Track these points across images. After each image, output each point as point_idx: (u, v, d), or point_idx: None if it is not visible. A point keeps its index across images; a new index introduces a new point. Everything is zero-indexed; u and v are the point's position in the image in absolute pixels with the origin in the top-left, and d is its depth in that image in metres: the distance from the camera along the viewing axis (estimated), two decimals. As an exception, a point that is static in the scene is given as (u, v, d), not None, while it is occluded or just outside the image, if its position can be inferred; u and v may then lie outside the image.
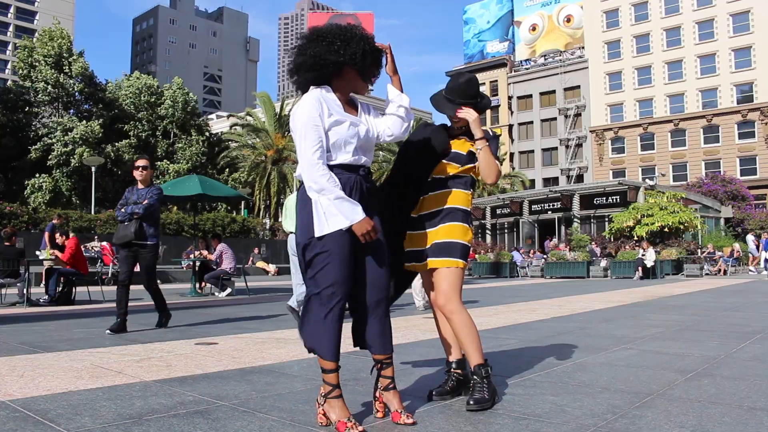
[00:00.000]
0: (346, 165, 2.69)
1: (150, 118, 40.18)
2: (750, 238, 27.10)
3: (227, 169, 43.31)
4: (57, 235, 10.99)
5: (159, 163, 39.85)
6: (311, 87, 2.75)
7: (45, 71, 37.16)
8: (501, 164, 3.20)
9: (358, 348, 2.83)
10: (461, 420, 2.79)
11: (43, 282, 10.67)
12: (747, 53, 51.43)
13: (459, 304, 3.03)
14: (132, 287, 6.79)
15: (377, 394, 2.81)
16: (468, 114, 3.09)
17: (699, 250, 25.94)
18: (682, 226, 26.19)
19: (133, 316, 8.44)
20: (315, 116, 2.62)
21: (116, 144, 37.70)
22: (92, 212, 28.53)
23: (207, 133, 43.65)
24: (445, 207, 3.10)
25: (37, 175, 36.14)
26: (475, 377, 3.03)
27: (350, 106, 2.81)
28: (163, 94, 41.48)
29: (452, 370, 3.25)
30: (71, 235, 11.14)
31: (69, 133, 35.88)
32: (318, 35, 2.70)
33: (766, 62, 50.20)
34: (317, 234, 2.59)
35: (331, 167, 2.66)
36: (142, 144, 39.97)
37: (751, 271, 25.27)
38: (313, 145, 2.60)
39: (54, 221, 14.84)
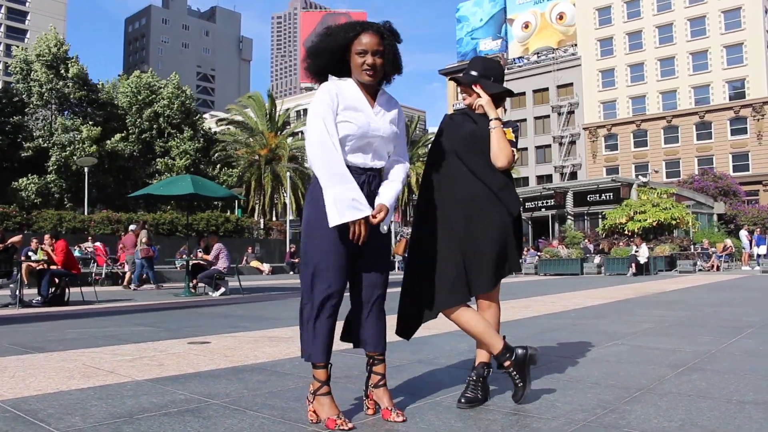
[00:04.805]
0: (352, 165, 2.65)
1: (149, 117, 40.04)
2: (743, 233, 27.23)
3: (222, 167, 43.18)
4: (46, 237, 10.93)
5: (158, 159, 39.70)
6: (330, 77, 2.73)
7: (40, 72, 37.03)
8: (516, 152, 3.05)
9: (351, 345, 2.84)
10: (451, 416, 2.79)
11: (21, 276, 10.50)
12: (739, 50, 51.66)
13: (498, 299, 3.09)
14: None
15: (368, 392, 2.82)
16: (481, 95, 3.05)
17: (692, 246, 26.04)
18: (674, 222, 26.27)
19: (126, 316, 8.44)
20: (325, 108, 2.60)
21: (112, 138, 37.57)
22: (85, 213, 28.41)
23: (202, 131, 43.54)
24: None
25: (29, 176, 35.98)
26: (473, 374, 3.03)
27: (371, 96, 2.72)
28: (159, 92, 41.36)
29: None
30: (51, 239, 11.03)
31: (68, 133, 35.77)
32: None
33: (757, 59, 50.46)
34: (332, 224, 2.53)
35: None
36: (141, 142, 39.84)
37: (745, 268, 25.34)
38: (329, 124, 2.58)
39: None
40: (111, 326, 6.92)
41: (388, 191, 2.72)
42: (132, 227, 17.77)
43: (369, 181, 2.68)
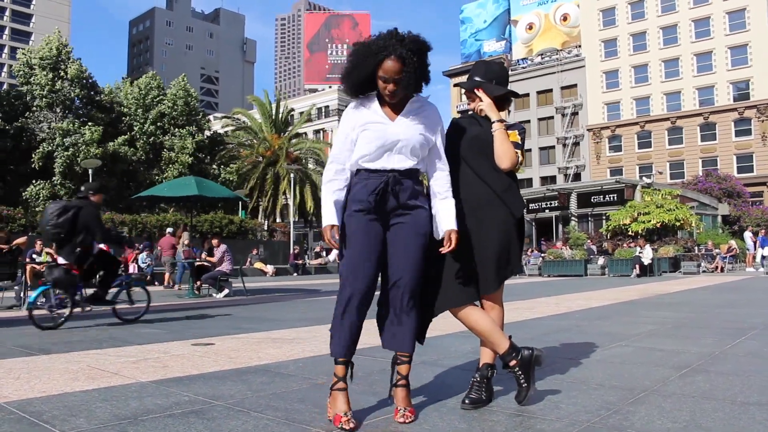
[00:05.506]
0: (373, 169, 2.77)
1: (155, 118, 40.05)
2: (747, 235, 27.15)
3: (221, 164, 43.09)
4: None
5: (163, 153, 39.74)
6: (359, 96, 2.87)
7: (40, 75, 37.11)
8: (522, 155, 3.07)
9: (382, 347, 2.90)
10: (455, 417, 2.80)
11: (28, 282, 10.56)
12: (743, 51, 51.53)
13: (501, 300, 3.12)
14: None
15: (392, 390, 2.88)
16: (483, 98, 3.08)
17: (696, 248, 25.99)
18: (678, 224, 26.22)
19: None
20: (346, 129, 2.84)
21: (115, 140, 37.63)
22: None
23: (207, 132, 43.54)
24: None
25: (34, 182, 36.04)
26: (477, 375, 3.04)
27: (394, 110, 2.82)
28: (165, 93, 41.39)
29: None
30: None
31: (70, 137, 35.81)
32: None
33: (762, 59, 50.31)
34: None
35: (361, 170, 2.80)
36: (148, 142, 39.84)
37: (749, 269, 25.25)
38: (334, 154, 2.86)
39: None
40: (115, 328, 6.94)
41: (448, 212, 2.85)
42: (169, 230, 18.72)
43: (389, 182, 2.75)
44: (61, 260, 7.05)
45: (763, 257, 24.21)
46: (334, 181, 2.81)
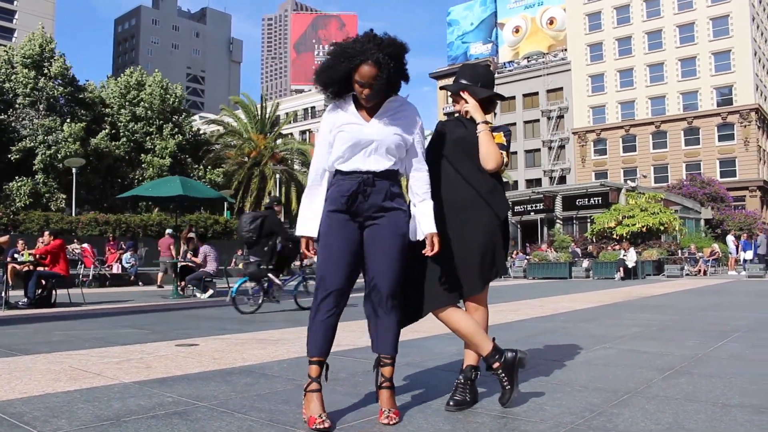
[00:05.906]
0: (347, 171, 2.76)
1: (134, 116, 39.70)
2: (730, 238, 27.43)
3: (206, 166, 42.74)
4: (46, 234, 10.93)
5: (144, 156, 39.38)
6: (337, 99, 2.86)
7: (22, 74, 36.68)
8: (507, 156, 3.08)
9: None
10: (440, 419, 2.80)
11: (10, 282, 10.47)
12: (726, 56, 52.12)
13: (486, 302, 3.12)
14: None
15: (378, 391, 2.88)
16: (468, 100, 3.08)
17: (679, 251, 26.20)
18: (662, 227, 26.43)
19: (113, 318, 8.38)
20: (324, 131, 2.85)
21: (98, 136, 37.24)
22: (73, 214, 28.19)
23: (190, 132, 43.16)
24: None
25: (17, 178, 35.64)
26: (461, 377, 3.04)
27: (370, 111, 2.80)
28: (144, 89, 41.03)
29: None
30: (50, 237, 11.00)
31: (52, 134, 35.39)
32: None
33: (745, 66, 50.93)
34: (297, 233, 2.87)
35: (337, 172, 2.80)
36: (131, 139, 39.46)
37: (731, 273, 25.50)
38: (314, 159, 2.89)
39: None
40: (98, 328, 6.88)
41: (427, 213, 2.84)
42: (168, 231, 18.48)
43: (363, 183, 2.74)
44: (253, 258, 8.73)
45: (745, 261, 24.46)
46: (313, 187, 2.86)
